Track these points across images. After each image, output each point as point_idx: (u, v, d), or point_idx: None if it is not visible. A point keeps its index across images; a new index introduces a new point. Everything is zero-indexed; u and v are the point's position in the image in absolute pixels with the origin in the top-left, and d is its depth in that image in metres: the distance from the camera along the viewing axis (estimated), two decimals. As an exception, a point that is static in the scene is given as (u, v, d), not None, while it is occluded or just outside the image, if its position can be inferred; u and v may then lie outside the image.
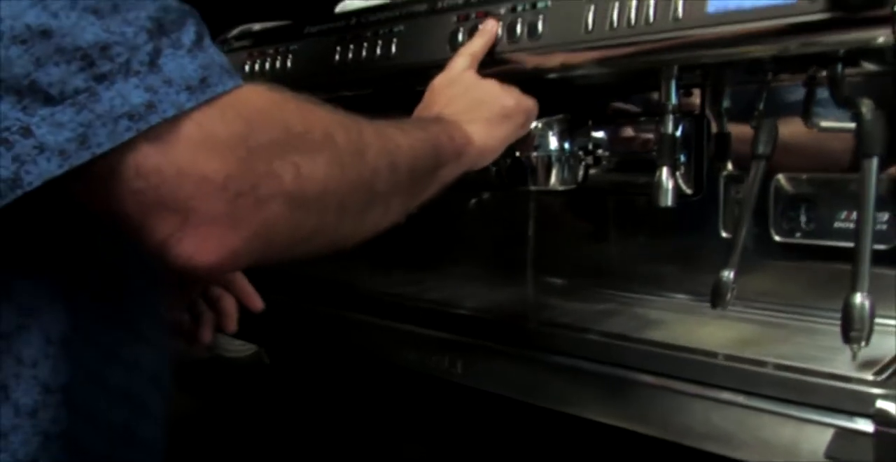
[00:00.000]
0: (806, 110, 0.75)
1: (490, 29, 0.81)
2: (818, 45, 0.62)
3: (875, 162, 0.60)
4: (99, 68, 0.41)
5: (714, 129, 0.88)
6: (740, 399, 0.66)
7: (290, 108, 0.50)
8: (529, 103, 0.79)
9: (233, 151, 0.44)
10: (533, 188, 0.87)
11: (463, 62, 0.79)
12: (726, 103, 0.86)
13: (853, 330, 0.61)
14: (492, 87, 0.77)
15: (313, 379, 1.10)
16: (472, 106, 0.75)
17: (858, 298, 0.61)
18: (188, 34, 0.45)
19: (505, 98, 0.77)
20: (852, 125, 0.65)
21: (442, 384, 0.89)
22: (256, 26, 1.26)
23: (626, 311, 0.89)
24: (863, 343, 0.62)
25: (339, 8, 1.25)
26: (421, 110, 0.77)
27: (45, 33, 0.40)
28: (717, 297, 0.70)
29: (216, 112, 0.44)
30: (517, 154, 0.86)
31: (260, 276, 0.81)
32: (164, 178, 0.43)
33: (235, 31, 1.24)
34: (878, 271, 0.74)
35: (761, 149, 0.68)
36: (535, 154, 0.85)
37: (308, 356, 1.09)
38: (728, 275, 0.69)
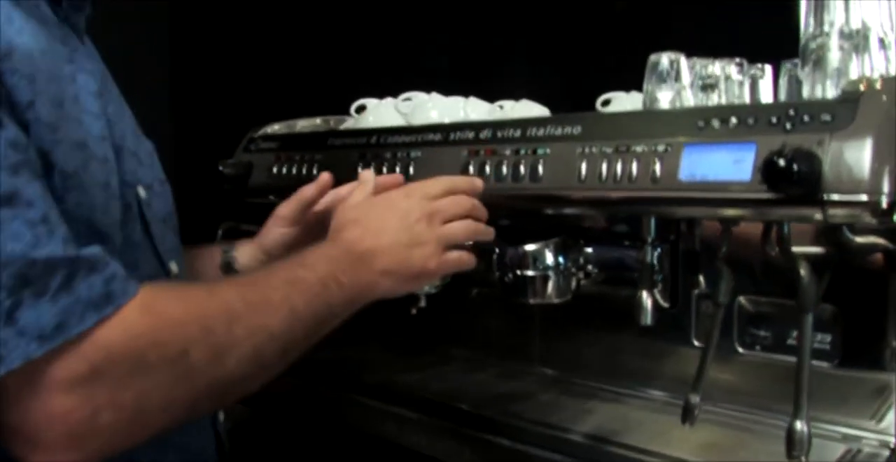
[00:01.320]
0: (763, 241, 0.88)
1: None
2: (767, 215, 0.76)
3: (810, 317, 0.74)
4: None
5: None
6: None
7: (150, 335, 0.55)
8: (449, 265, 0.79)
9: (73, 390, 0.52)
10: (532, 301, 1.00)
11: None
12: (698, 231, 0.99)
13: (794, 450, 0.74)
14: (426, 244, 0.76)
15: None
16: (398, 259, 0.75)
17: (798, 425, 0.74)
18: (55, 280, 0.51)
19: (429, 261, 0.76)
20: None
21: None
22: (276, 126, 1.39)
23: (610, 408, 1.02)
24: (803, 459, 0.75)
25: (353, 107, 1.39)
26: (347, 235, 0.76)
27: None
28: (686, 414, 0.83)
29: (62, 358, 0.51)
30: (518, 272, 0.99)
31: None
32: (14, 417, 0.52)
33: (260, 133, 1.37)
34: (823, 383, 0.88)
35: (721, 297, 0.82)
36: (533, 272, 0.99)
37: (315, 432, 1.20)
38: (695, 398, 0.82)
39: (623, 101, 1.19)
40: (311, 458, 1.19)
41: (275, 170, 1.27)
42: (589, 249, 1.04)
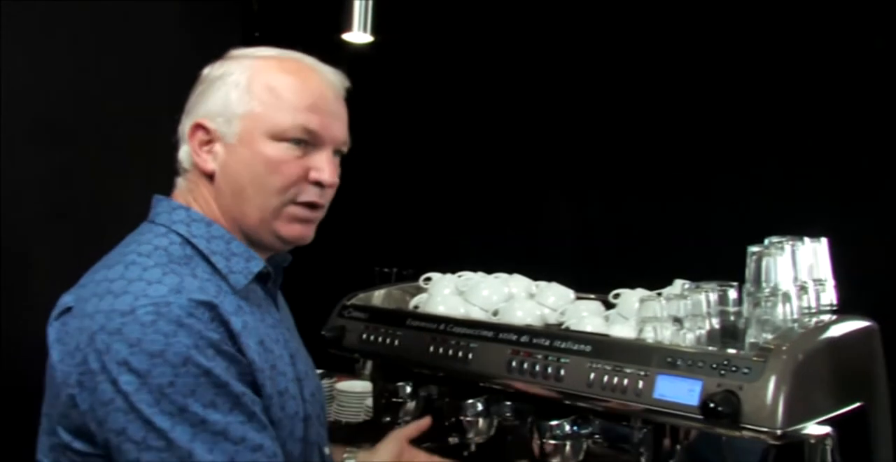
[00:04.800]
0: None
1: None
2: (710, 430, 1.14)
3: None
4: None
5: None
6: None
7: None
8: None
9: None
10: (553, 462, 1.38)
11: None
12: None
13: None
14: None
15: None
16: None
17: None
18: None
19: None
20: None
21: None
22: (361, 295, 1.81)
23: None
24: None
25: (422, 278, 1.82)
26: None
27: None
28: None
29: None
30: (544, 439, 1.38)
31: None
32: None
33: (351, 301, 1.78)
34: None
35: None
36: (555, 442, 1.37)
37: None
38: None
39: (629, 296, 1.60)
40: None
41: (364, 336, 1.68)
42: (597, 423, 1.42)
